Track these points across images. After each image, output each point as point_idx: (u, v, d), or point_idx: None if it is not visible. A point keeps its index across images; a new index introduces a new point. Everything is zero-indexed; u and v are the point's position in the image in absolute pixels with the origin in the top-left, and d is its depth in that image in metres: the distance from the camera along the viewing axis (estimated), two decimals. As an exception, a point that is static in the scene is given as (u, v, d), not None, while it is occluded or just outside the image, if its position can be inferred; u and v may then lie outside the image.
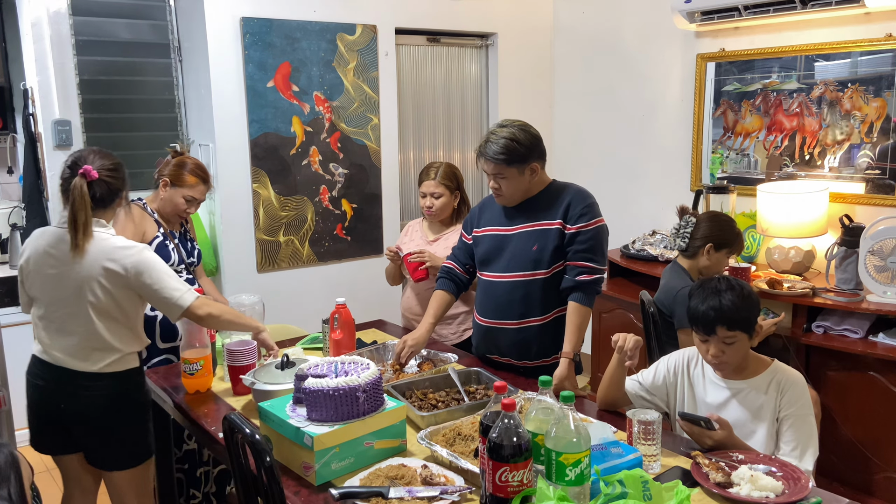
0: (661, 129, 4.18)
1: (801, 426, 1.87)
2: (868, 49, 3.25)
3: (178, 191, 2.75)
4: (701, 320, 1.92)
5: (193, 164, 2.79)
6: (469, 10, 4.35)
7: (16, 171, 4.05)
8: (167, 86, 3.83)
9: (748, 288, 1.96)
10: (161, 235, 2.76)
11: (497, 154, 2.28)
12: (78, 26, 3.51)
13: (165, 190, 2.76)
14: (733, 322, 1.88)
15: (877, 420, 2.87)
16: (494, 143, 2.29)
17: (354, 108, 3.97)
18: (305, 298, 3.87)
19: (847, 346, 2.90)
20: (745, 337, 1.91)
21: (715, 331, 1.90)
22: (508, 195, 2.39)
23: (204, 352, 2.31)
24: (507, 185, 2.35)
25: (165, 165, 2.80)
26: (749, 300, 1.92)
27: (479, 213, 2.57)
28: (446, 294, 2.55)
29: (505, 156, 2.28)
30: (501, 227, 2.45)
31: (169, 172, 2.76)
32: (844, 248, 3.08)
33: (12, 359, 3.30)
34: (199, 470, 2.84)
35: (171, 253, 2.76)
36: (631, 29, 4.27)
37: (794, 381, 1.93)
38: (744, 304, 1.90)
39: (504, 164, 2.29)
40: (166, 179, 2.75)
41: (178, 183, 2.75)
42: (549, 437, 1.47)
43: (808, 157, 3.53)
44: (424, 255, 2.86)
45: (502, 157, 2.28)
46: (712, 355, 1.92)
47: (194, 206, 2.82)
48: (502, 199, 2.42)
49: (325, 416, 1.74)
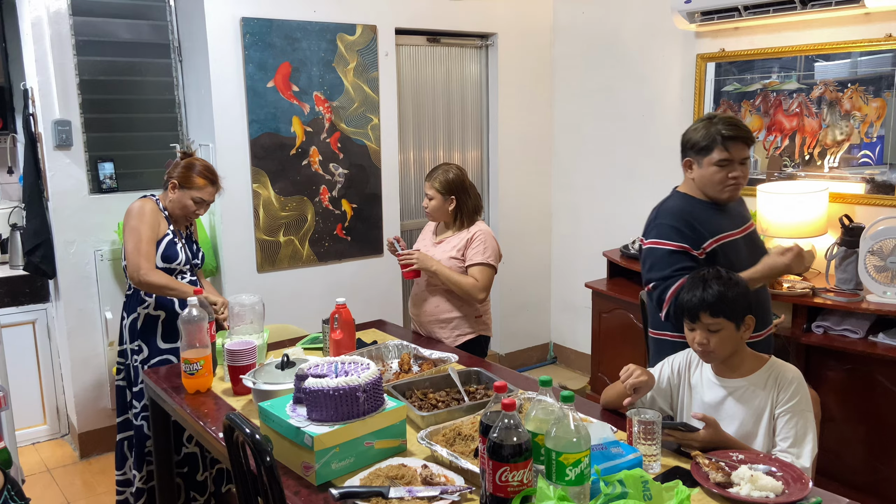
0: (661, 129, 4.18)
1: (798, 422, 1.87)
2: (868, 49, 3.25)
3: (186, 193, 2.75)
4: (686, 307, 1.95)
5: (202, 166, 2.79)
6: (469, 10, 4.35)
7: (16, 171, 4.06)
8: (167, 86, 3.83)
9: (737, 278, 1.97)
10: (171, 233, 2.77)
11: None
12: (78, 26, 3.51)
13: (174, 192, 2.76)
14: (717, 309, 1.89)
15: (877, 420, 2.87)
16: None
17: (354, 109, 3.97)
18: (305, 298, 3.87)
19: (847, 346, 2.91)
20: (731, 326, 1.91)
21: (699, 317, 1.91)
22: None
23: (204, 352, 2.31)
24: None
25: (174, 167, 2.79)
26: (735, 289, 1.93)
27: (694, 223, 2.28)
28: None
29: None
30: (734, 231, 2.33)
31: (178, 175, 2.75)
32: (844, 248, 3.08)
33: (12, 359, 3.30)
34: (202, 475, 2.84)
35: (180, 252, 2.77)
36: (631, 29, 4.27)
37: (791, 377, 1.93)
38: (728, 292, 1.91)
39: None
40: (175, 182, 2.75)
41: (187, 185, 2.74)
42: (549, 437, 1.47)
43: (807, 158, 3.53)
44: (413, 257, 2.86)
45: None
46: (697, 343, 1.94)
47: (204, 207, 2.81)
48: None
49: (325, 416, 1.74)
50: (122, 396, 2.85)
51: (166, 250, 2.73)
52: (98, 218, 3.61)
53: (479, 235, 2.90)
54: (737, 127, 2.25)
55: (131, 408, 2.81)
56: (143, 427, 2.76)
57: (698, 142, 2.28)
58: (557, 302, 4.96)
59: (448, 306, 2.91)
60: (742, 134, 2.24)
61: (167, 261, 2.73)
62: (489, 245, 2.88)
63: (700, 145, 2.27)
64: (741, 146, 2.24)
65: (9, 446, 2.68)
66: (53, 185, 3.50)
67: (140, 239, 2.65)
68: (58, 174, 3.51)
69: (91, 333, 3.63)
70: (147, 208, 2.71)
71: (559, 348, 5.01)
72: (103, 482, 3.43)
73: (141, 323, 2.75)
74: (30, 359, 3.74)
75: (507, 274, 4.64)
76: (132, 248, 2.65)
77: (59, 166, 3.51)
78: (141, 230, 2.66)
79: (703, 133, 2.27)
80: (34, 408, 3.78)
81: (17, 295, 3.71)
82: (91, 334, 3.63)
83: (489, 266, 2.86)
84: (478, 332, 2.96)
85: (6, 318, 3.63)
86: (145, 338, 2.76)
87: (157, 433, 2.58)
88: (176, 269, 2.77)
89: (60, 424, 3.87)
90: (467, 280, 2.83)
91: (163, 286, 2.67)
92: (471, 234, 2.91)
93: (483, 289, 2.84)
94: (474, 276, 2.84)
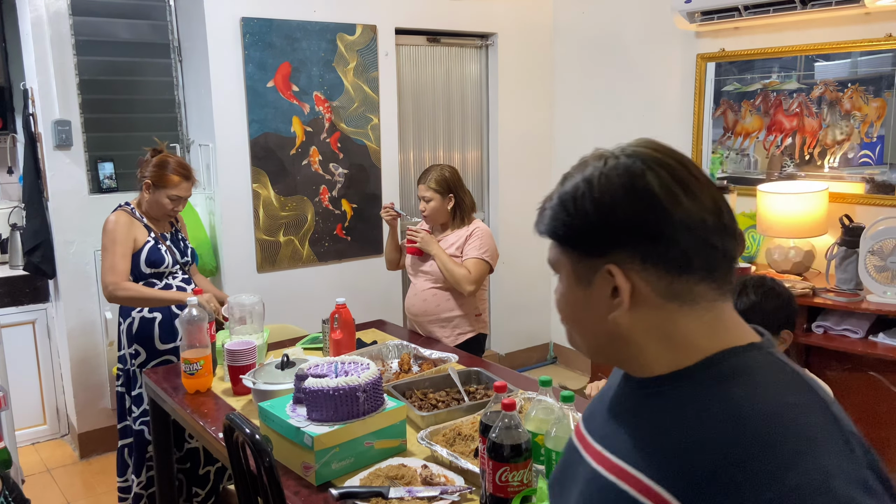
0: (661, 129, 4.17)
1: None
2: (868, 49, 3.25)
3: (162, 192, 2.72)
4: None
5: (175, 163, 2.75)
6: (469, 10, 4.34)
7: (16, 171, 4.05)
8: (167, 86, 3.82)
9: (780, 289, 1.88)
10: (152, 239, 2.75)
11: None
12: (78, 26, 3.50)
13: (149, 192, 2.73)
14: (747, 320, 1.86)
15: (877, 420, 2.87)
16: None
17: (354, 108, 3.97)
18: (305, 298, 3.87)
19: (847, 346, 2.91)
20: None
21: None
22: None
23: (204, 352, 2.31)
24: None
25: (146, 166, 2.75)
26: (774, 300, 1.85)
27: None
28: None
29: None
30: None
31: (150, 174, 2.72)
32: (844, 248, 3.08)
33: (12, 359, 3.30)
34: (203, 469, 2.84)
35: (164, 256, 2.75)
36: (631, 29, 4.27)
37: None
38: (766, 303, 1.84)
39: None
40: (148, 182, 2.72)
41: (161, 184, 2.72)
42: (549, 437, 1.47)
43: (808, 158, 3.53)
44: (419, 235, 2.90)
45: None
46: None
47: (181, 204, 2.79)
48: None
49: (325, 416, 1.74)
50: (123, 402, 2.85)
51: (150, 256, 2.72)
52: (98, 218, 3.58)
53: (478, 232, 2.92)
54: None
55: (130, 413, 2.80)
56: (143, 432, 2.75)
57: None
58: (557, 302, 4.96)
59: (449, 306, 2.92)
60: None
61: (153, 266, 2.72)
62: (486, 243, 2.90)
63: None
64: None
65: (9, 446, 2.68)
66: (53, 185, 3.50)
67: (112, 256, 2.67)
68: (57, 174, 3.51)
69: (91, 333, 3.63)
70: (120, 222, 2.70)
71: (559, 348, 5.01)
72: (103, 482, 3.43)
73: (137, 327, 2.75)
74: (30, 359, 3.73)
75: (507, 274, 4.63)
76: (105, 268, 2.68)
77: (59, 166, 3.51)
78: (112, 249, 2.67)
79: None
80: (34, 408, 3.77)
81: (17, 295, 3.71)
82: (91, 334, 3.63)
83: (484, 261, 2.87)
84: (477, 331, 2.97)
85: (6, 319, 3.63)
86: (142, 341, 2.75)
87: (157, 433, 2.58)
88: (165, 271, 2.76)
89: (60, 424, 3.87)
90: (460, 270, 2.85)
91: (135, 297, 2.67)
92: (469, 231, 2.93)
93: (473, 282, 2.85)
94: (468, 267, 2.86)
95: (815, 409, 0.76)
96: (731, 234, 0.83)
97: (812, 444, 0.71)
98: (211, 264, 3.71)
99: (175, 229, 2.91)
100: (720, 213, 0.82)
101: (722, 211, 0.82)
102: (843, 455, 0.72)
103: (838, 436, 0.74)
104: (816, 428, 0.74)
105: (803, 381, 0.80)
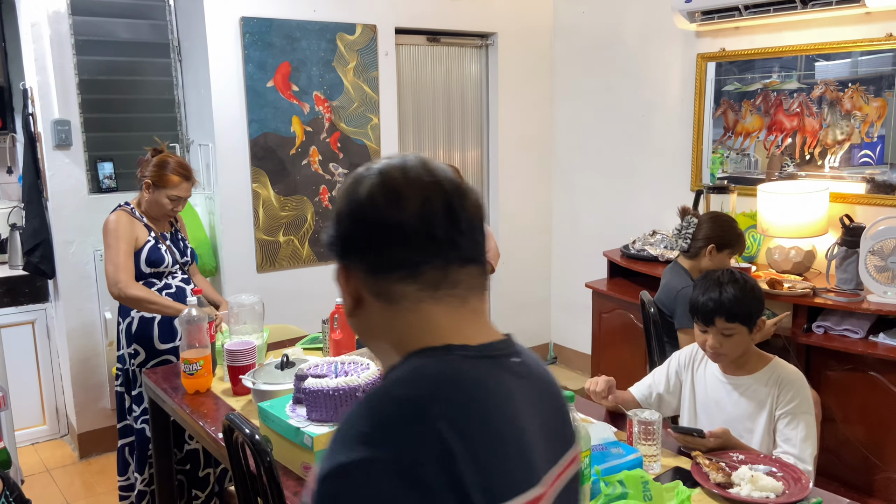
0: (662, 128, 4.17)
1: (799, 423, 1.87)
2: (868, 49, 3.25)
3: (161, 192, 2.72)
4: (700, 310, 1.93)
5: (175, 163, 2.76)
6: (469, 10, 4.34)
7: (15, 171, 4.05)
8: (167, 86, 3.82)
9: (752, 282, 1.96)
10: (152, 239, 2.75)
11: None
12: (77, 26, 3.50)
13: (149, 192, 2.73)
14: (732, 314, 1.88)
15: (877, 420, 2.86)
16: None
17: (354, 108, 3.97)
18: (305, 298, 3.86)
19: (847, 346, 2.90)
20: (745, 330, 1.90)
21: (714, 322, 1.90)
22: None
23: (204, 352, 2.31)
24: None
25: (146, 166, 2.76)
26: (751, 293, 1.92)
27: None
28: None
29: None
30: None
31: (150, 174, 2.72)
32: (845, 248, 3.07)
33: (12, 359, 3.29)
34: (203, 471, 2.84)
35: (165, 255, 2.75)
36: (631, 29, 4.26)
37: (793, 378, 1.93)
38: (745, 297, 1.90)
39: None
40: (148, 182, 2.72)
41: (161, 184, 2.72)
42: (549, 438, 1.47)
43: (808, 157, 3.53)
44: None
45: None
46: (710, 346, 1.93)
47: (181, 204, 2.79)
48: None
49: (325, 416, 1.74)
50: (122, 402, 2.84)
51: (150, 255, 2.72)
52: (97, 218, 3.58)
53: None
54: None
55: (131, 412, 2.80)
56: (144, 430, 2.75)
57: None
58: (557, 302, 4.96)
59: None
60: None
61: (153, 265, 2.72)
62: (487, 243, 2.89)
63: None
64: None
65: (8, 447, 2.69)
66: (53, 184, 3.50)
67: (118, 253, 2.66)
68: (57, 174, 3.50)
69: (91, 333, 3.63)
70: (121, 221, 2.70)
71: (559, 348, 5.00)
72: (103, 482, 3.43)
73: (136, 326, 2.74)
74: (29, 359, 3.73)
75: (507, 274, 4.63)
76: (110, 265, 2.66)
77: (59, 166, 3.50)
78: (117, 246, 2.66)
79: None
80: (34, 408, 3.77)
81: (17, 295, 3.71)
82: (91, 334, 3.63)
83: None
84: None
85: (6, 319, 3.63)
86: (141, 341, 2.75)
87: (156, 433, 2.57)
88: (164, 271, 2.76)
89: (60, 425, 3.86)
90: None
91: (143, 299, 2.66)
92: None
93: None
94: None
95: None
96: (443, 242, 0.86)
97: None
98: (211, 264, 3.71)
99: (175, 229, 2.91)
100: (429, 222, 0.85)
101: (431, 220, 0.85)
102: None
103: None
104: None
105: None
